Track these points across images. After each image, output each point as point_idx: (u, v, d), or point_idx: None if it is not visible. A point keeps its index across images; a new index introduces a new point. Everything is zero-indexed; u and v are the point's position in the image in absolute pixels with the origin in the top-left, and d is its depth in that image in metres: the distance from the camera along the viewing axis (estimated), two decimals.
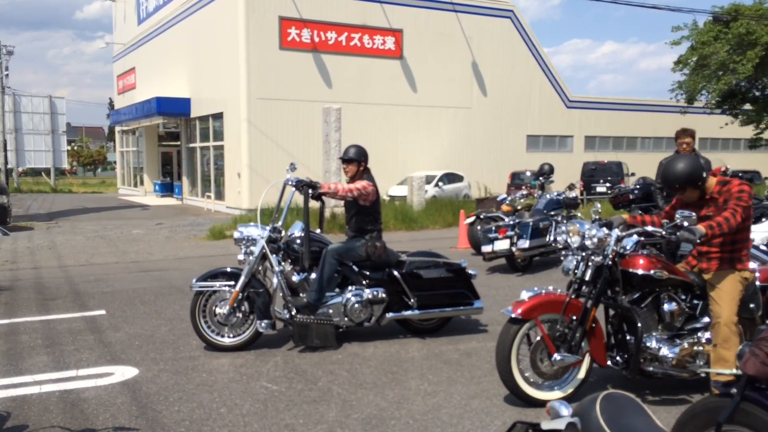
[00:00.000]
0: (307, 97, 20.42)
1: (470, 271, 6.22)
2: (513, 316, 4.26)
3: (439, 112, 23.44)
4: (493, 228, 9.21)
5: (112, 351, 5.60)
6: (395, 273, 5.84)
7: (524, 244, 8.95)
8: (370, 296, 5.71)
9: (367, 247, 5.72)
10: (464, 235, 11.68)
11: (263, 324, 5.47)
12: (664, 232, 4.26)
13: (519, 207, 10.48)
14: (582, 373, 4.39)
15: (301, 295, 5.73)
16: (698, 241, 4.04)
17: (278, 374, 4.98)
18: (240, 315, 5.55)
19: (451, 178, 22.39)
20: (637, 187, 9.41)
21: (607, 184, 21.35)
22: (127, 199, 28.54)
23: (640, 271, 4.27)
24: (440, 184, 21.68)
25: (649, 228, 4.37)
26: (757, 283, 4.42)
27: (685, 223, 4.08)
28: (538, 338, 4.30)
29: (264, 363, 5.24)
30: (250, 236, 5.66)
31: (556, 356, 4.22)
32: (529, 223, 9.09)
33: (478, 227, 10.55)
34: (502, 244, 9.03)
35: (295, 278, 5.74)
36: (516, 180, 21.34)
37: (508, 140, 25.28)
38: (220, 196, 22.36)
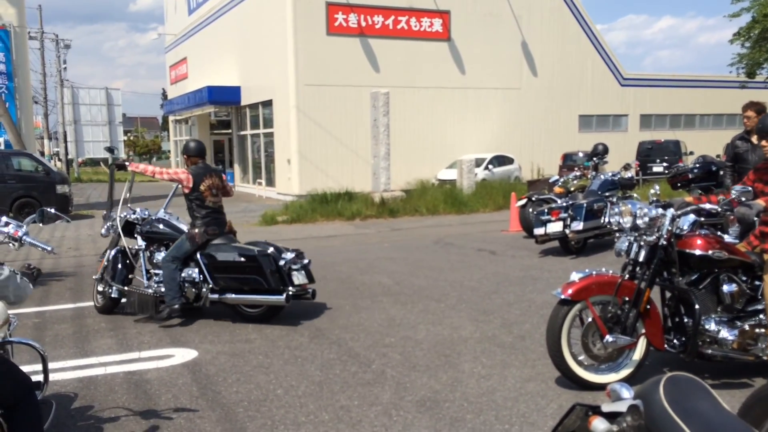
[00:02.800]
0: (355, 82, 20.43)
1: (282, 260, 5.87)
2: (563, 297, 4.16)
3: (487, 94, 23.12)
4: (546, 210, 9.06)
5: (171, 334, 5.77)
6: (198, 256, 6.10)
7: (578, 226, 8.78)
8: (185, 276, 6.10)
9: (188, 237, 6.09)
10: (515, 217, 11.55)
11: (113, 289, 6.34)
12: (719, 209, 4.10)
13: (572, 188, 10.29)
14: (637, 356, 4.27)
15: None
16: (755, 217, 3.87)
17: (332, 357, 5.04)
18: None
19: (501, 160, 22.13)
20: (697, 165, 9.08)
21: (664, 164, 20.72)
22: None
23: (697, 252, 4.14)
24: (490, 166, 21.45)
25: (707, 206, 4.21)
26: None
27: (743, 198, 3.91)
28: (590, 320, 4.20)
29: (318, 346, 5.31)
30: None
31: (608, 338, 4.12)
32: (583, 204, 8.91)
33: (530, 210, 10.42)
34: (554, 227, 8.89)
35: (158, 255, 6.37)
36: (568, 161, 20.94)
37: (559, 121, 24.77)
38: (270, 182, 22.69)
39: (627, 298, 4.16)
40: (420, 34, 21.96)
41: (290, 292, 5.80)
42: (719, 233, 4.68)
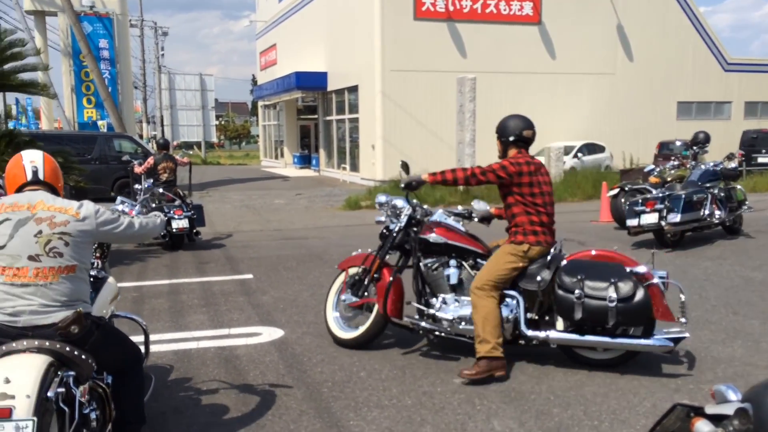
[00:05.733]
0: (441, 67, 20.24)
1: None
2: (336, 268, 5.12)
3: (579, 79, 22.33)
4: (640, 201, 8.65)
5: (259, 313, 5.93)
6: None
7: (675, 218, 8.34)
8: None
9: None
10: (607, 208, 11.13)
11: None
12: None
13: (669, 179, 9.78)
14: (371, 318, 4.77)
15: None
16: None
17: (416, 342, 5.02)
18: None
19: (591, 148, 21.38)
20: None
21: None
22: (269, 170, 30.04)
23: (427, 237, 4.62)
24: (579, 155, 20.77)
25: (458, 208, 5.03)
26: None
27: None
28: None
29: (401, 331, 5.29)
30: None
31: (342, 296, 4.93)
32: (681, 195, 8.45)
33: (623, 200, 10.00)
34: (649, 218, 8.47)
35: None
36: (664, 150, 19.95)
37: (656, 108, 23.61)
38: (354, 167, 22.91)
39: (366, 268, 4.79)
40: (509, 17, 21.46)
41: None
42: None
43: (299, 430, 3.57)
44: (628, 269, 4.20)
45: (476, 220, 4.95)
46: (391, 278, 4.65)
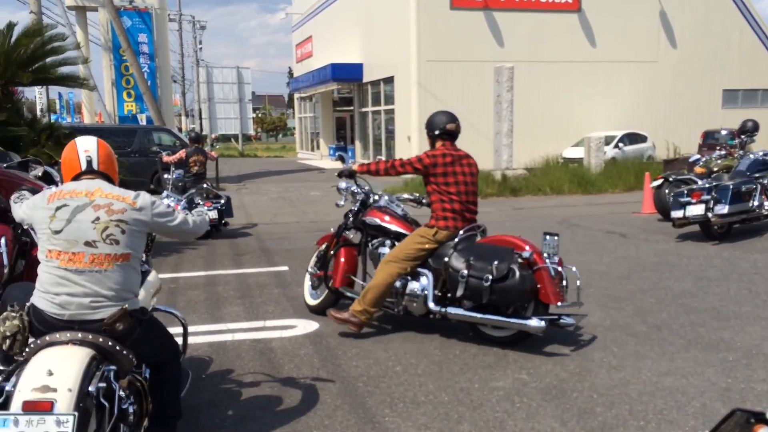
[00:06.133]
0: (478, 57, 19.98)
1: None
2: (315, 244, 5.75)
3: (620, 68, 21.80)
4: (686, 192, 8.35)
5: (294, 305, 5.89)
6: None
7: (723, 209, 8.03)
8: None
9: None
10: (650, 199, 10.82)
11: None
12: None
13: (715, 169, 9.43)
14: (326, 289, 5.38)
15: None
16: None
17: (452, 336, 4.92)
18: None
19: (632, 138, 20.86)
20: None
21: None
22: (305, 162, 30.15)
23: (364, 219, 5.21)
24: (620, 144, 20.29)
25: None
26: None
27: None
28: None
29: (437, 325, 5.21)
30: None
31: (308, 269, 5.65)
32: (729, 186, 8.13)
33: (667, 191, 9.70)
34: (695, 210, 8.18)
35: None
36: (709, 139, 19.35)
37: (700, 96, 22.90)
38: (390, 158, 22.78)
39: (327, 245, 5.41)
40: (548, 5, 21.05)
41: None
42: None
43: (334, 425, 3.51)
44: (518, 253, 4.46)
45: (426, 204, 5.23)
46: (338, 254, 5.33)
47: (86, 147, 2.89)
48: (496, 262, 4.37)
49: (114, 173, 2.94)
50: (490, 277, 4.35)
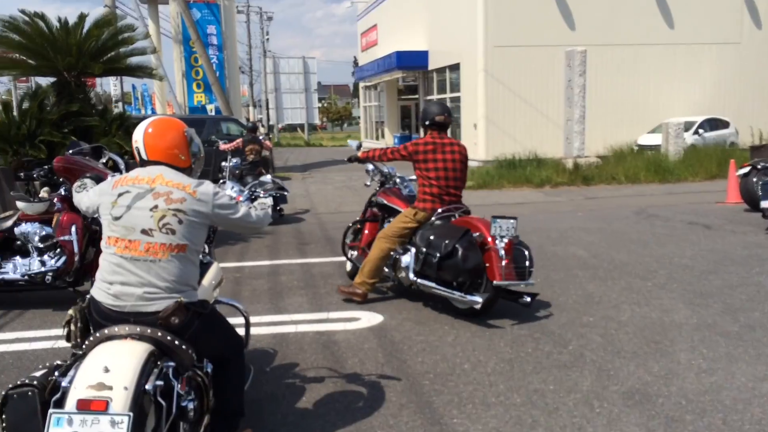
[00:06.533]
0: (547, 41, 19.27)
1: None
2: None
3: (700, 50, 20.61)
4: None
5: None
6: None
7: None
8: None
9: None
10: (735, 188, 10.14)
11: None
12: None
13: None
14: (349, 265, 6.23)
15: None
16: None
17: (523, 333, 4.66)
18: None
19: (713, 124, 19.72)
20: None
21: None
22: None
23: (375, 198, 5.99)
24: (701, 131, 19.21)
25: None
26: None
27: None
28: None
29: (508, 320, 4.95)
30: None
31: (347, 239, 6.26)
32: None
33: (755, 179, 9.05)
34: None
35: None
36: None
37: None
38: None
39: (359, 220, 6.23)
40: None
41: None
42: None
43: (399, 425, 3.33)
44: (472, 234, 4.83)
45: None
46: (363, 228, 6.08)
47: (135, 137, 2.79)
48: (447, 241, 4.81)
49: (173, 159, 2.77)
50: (438, 255, 4.81)
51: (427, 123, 5.33)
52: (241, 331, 3.51)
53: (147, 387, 2.29)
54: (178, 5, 20.72)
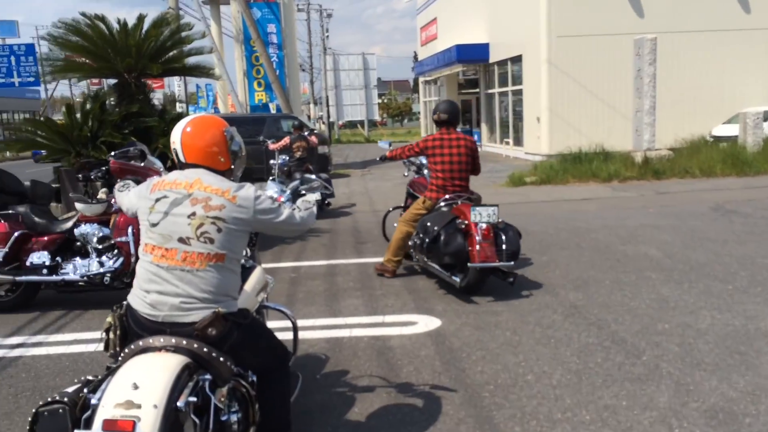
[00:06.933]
0: (614, 29, 18.50)
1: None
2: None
3: None
4: None
5: (416, 299, 5.54)
6: None
7: None
8: None
9: None
10: None
11: None
12: None
13: None
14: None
15: None
16: None
17: (591, 341, 4.34)
18: None
19: None
20: None
21: None
22: None
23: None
24: None
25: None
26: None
27: None
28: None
29: (574, 326, 4.65)
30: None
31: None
32: None
33: None
34: None
35: None
36: None
37: None
38: (518, 141, 21.87)
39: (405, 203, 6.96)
40: None
41: None
42: None
43: None
44: (458, 221, 5.34)
45: None
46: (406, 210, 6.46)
47: (174, 137, 2.64)
48: (435, 227, 5.38)
49: (212, 160, 2.61)
50: (426, 239, 5.43)
51: (435, 119, 5.93)
52: (289, 337, 3.38)
53: (179, 404, 2.15)
54: (239, 5, 20.95)
